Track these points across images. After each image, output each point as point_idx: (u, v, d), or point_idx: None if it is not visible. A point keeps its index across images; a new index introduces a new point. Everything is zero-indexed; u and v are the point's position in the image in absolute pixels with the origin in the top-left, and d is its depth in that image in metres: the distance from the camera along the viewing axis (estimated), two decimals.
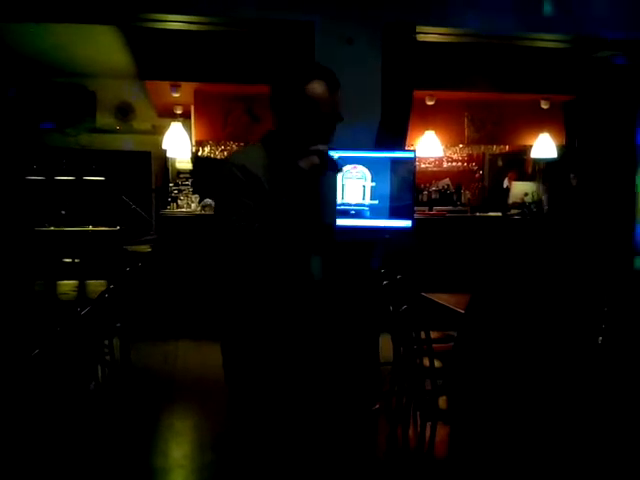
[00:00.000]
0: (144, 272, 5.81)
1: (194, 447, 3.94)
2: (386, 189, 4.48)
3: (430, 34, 5.45)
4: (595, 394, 3.06)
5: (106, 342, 4.60)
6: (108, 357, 4.64)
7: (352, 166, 4.44)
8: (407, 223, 4.51)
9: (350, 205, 4.43)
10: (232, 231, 2.10)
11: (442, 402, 3.29)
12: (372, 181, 4.46)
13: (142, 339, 5.83)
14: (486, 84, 7.26)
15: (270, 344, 2.19)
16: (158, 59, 6.64)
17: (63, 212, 8.86)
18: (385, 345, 4.56)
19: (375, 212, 4.47)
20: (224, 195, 2.16)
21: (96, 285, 4.78)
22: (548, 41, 5.71)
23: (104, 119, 8.73)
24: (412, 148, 7.14)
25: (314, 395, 2.32)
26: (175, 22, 5.12)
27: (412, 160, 4.73)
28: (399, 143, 5.48)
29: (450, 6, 5.24)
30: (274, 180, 2.11)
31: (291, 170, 2.07)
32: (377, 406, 4.36)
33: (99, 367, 4.50)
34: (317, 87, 2.08)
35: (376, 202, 4.47)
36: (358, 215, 4.45)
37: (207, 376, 5.10)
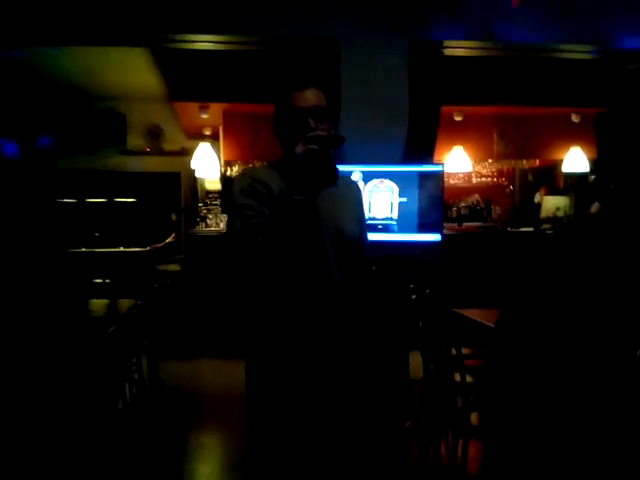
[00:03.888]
0: (173, 290, 5.82)
1: (221, 465, 3.90)
2: (414, 203, 4.43)
3: (457, 48, 5.42)
4: (636, 412, 2.95)
5: (134, 360, 4.59)
6: (136, 375, 4.64)
7: (379, 180, 4.39)
8: (436, 237, 4.45)
9: (377, 219, 4.38)
10: (237, 233, 2.04)
11: (474, 418, 3.21)
12: (400, 195, 4.41)
13: (171, 357, 5.82)
14: (515, 98, 7.20)
15: (293, 362, 2.13)
16: (187, 80, 6.71)
17: (97, 234, 8.97)
18: (414, 362, 4.49)
19: (403, 226, 4.41)
20: (233, 202, 2.13)
21: (126, 304, 4.78)
22: (578, 52, 5.63)
23: (134, 141, 8.85)
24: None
25: (342, 415, 2.25)
26: (202, 42, 5.18)
27: (440, 173, 4.67)
28: (427, 158, 5.44)
29: (477, 20, 5.21)
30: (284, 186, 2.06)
31: (290, 160, 2.03)
32: (408, 424, 4.27)
33: (127, 385, 4.49)
34: (293, 95, 2.17)
35: (404, 216, 4.41)
36: (386, 229, 4.40)
37: (234, 394, 5.05)
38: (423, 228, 4.43)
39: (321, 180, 2.03)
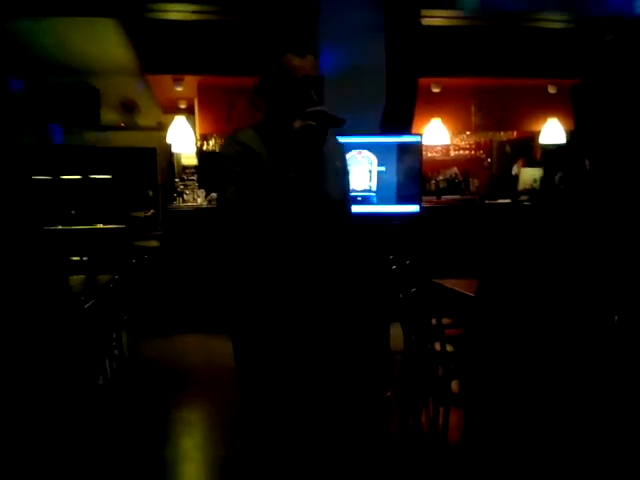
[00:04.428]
0: (152, 266, 5.77)
1: (204, 439, 3.90)
2: (393, 174, 4.41)
3: (435, 17, 5.37)
4: (611, 375, 2.99)
5: (114, 336, 4.56)
6: (116, 351, 4.61)
7: (357, 151, 4.37)
8: (415, 208, 4.44)
9: (356, 191, 4.36)
10: (230, 205, 2.03)
11: (454, 386, 3.23)
12: (378, 166, 4.39)
13: (150, 333, 5.80)
14: (492, 69, 7.19)
15: (279, 333, 2.13)
16: (160, 52, 6.59)
17: (73, 212, 8.84)
18: (395, 334, 4.51)
19: (382, 198, 4.40)
20: (223, 169, 2.11)
21: (104, 279, 4.73)
22: (554, 22, 5.62)
23: (108, 116, 8.70)
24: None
25: (325, 385, 2.26)
26: (174, 12, 5.08)
27: (419, 144, 4.65)
28: (405, 130, 5.41)
29: None
30: (274, 156, 2.05)
31: (286, 133, 2.00)
32: (389, 394, 4.30)
33: (107, 361, 4.46)
34: (289, 58, 2.09)
35: (383, 188, 4.39)
36: (365, 201, 4.38)
37: (216, 369, 5.07)
38: (402, 199, 4.41)
39: (316, 155, 2.02)
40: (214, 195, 7.32)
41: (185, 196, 7.51)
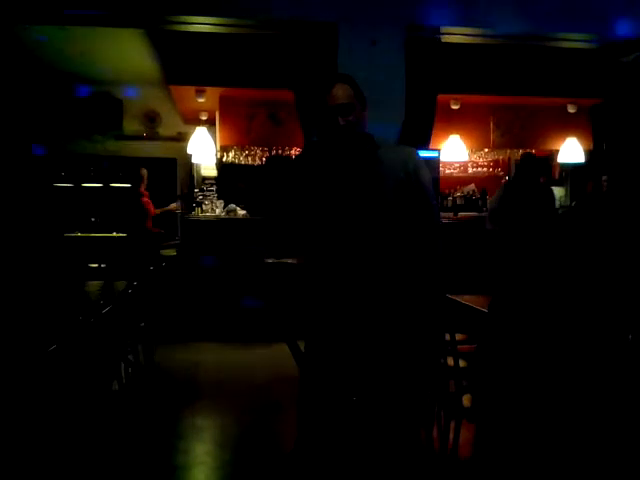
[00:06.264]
0: (169, 274, 5.83)
1: (215, 445, 3.93)
2: None
3: (454, 35, 5.42)
4: (624, 393, 2.98)
5: (130, 342, 4.61)
6: (131, 357, 4.66)
7: None
8: None
9: None
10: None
11: (466, 401, 3.24)
12: None
13: (166, 340, 5.85)
14: (512, 87, 7.21)
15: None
16: (184, 64, 6.69)
17: (93, 219, 8.96)
18: None
19: None
20: None
21: (122, 285, 4.79)
22: (574, 42, 5.64)
23: (131, 126, 8.83)
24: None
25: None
26: (199, 24, 5.17)
27: (436, 160, 4.69)
28: (423, 145, 5.45)
29: (475, 7, 5.21)
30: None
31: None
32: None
33: (122, 366, 4.51)
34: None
35: None
36: None
37: (229, 377, 5.11)
38: None
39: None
40: (232, 206, 7.39)
41: (204, 206, 7.59)
